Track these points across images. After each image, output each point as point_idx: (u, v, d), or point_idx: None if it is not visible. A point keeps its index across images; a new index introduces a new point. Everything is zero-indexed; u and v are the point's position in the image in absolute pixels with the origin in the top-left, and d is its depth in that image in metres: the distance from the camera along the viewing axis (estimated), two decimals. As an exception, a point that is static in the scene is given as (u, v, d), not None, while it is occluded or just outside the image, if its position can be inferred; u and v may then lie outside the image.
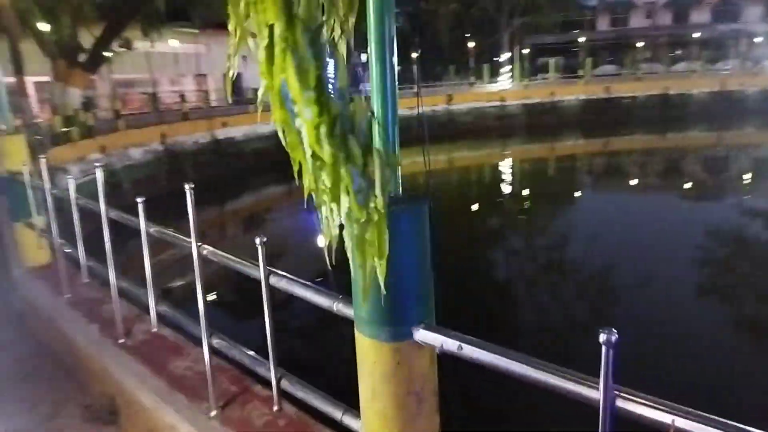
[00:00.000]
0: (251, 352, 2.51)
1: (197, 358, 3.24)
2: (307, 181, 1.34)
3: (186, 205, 2.40)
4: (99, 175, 3.29)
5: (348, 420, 2.01)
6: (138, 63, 22.42)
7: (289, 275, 2.10)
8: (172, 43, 23.96)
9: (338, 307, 1.86)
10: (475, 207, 15.95)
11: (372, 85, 1.40)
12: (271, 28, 1.21)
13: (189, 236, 2.53)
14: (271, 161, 17.00)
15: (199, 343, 3.40)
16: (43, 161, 4.15)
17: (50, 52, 16.17)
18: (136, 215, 3.05)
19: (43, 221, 4.88)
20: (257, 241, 2.08)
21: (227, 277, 7.26)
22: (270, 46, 1.22)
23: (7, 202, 5.02)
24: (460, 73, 37.83)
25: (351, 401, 1.94)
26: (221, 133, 24.71)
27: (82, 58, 17.13)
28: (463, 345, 1.46)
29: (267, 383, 2.86)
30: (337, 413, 2.04)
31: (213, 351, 2.70)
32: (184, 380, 2.99)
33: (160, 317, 3.46)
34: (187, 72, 26.47)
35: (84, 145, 16.31)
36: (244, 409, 2.69)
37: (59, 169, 11.92)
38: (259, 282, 2.23)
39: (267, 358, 2.42)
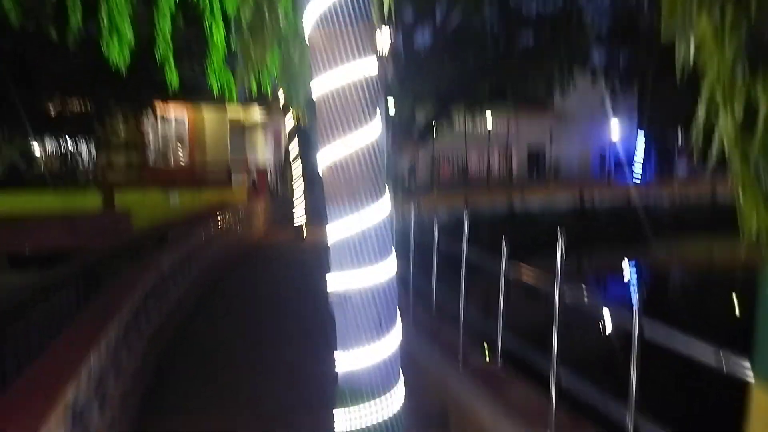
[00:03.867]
0: (605, 395, 2.69)
1: (527, 392, 3.58)
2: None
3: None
4: (466, 223, 4.01)
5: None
6: (454, 136, 25.41)
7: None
8: (486, 119, 26.53)
9: (727, 360, 1.94)
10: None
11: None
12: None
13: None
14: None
15: (530, 379, 3.75)
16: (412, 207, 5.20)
17: (393, 127, 19.66)
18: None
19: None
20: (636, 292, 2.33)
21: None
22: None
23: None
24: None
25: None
26: (518, 204, 26.16)
27: (414, 132, 20.33)
28: None
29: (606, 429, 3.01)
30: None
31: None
32: (519, 408, 3.34)
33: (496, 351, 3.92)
34: (494, 145, 28.71)
35: (404, 204, 19.27)
36: (580, 448, 2.88)
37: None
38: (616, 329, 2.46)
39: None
